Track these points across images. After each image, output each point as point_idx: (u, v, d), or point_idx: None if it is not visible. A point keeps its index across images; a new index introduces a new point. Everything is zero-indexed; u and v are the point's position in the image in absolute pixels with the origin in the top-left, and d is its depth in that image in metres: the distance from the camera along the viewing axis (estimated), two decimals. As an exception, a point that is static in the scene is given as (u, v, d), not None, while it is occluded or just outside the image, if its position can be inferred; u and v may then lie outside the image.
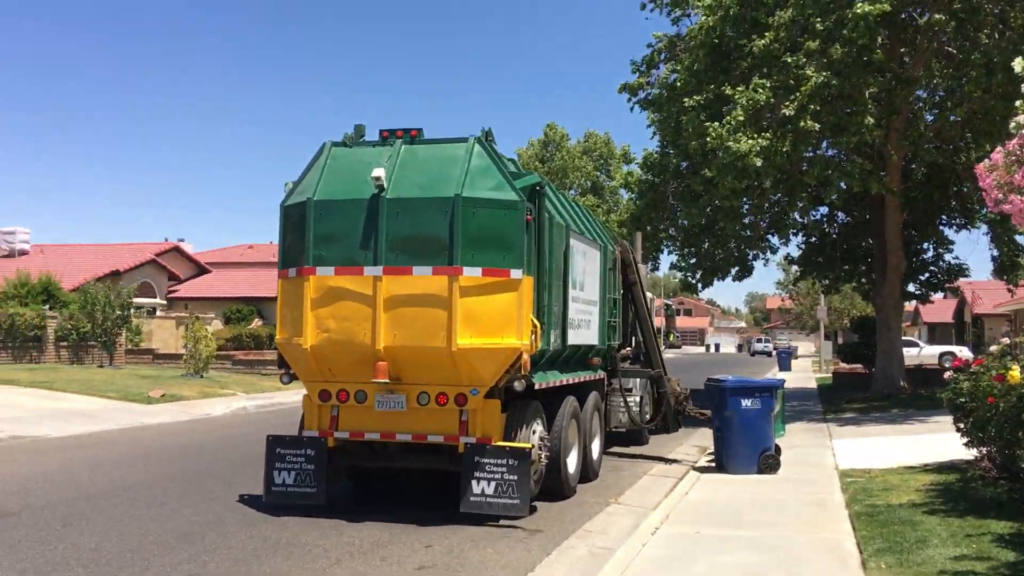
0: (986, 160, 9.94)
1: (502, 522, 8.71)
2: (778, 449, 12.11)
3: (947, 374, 11.11)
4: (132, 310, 31.15)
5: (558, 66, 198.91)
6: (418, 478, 10.70)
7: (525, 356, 8.75)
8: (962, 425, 10.46)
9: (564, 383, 10.43)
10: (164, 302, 41.17)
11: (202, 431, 16.94)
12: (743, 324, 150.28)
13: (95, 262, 38.79)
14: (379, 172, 8.71)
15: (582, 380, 11.36)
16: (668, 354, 59.60)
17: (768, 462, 11.62)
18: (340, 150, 9.35)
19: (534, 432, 9.36)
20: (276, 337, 9.49)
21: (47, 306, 30.88)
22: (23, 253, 41.84)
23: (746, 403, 11.68)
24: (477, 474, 8.66)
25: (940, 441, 13.90)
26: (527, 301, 8.86)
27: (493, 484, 8.63)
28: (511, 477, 8.62)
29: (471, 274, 8.56)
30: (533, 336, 8.89)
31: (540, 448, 9.42)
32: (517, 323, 8.72)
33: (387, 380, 8.66)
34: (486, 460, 8.66)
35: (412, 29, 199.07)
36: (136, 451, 13.80)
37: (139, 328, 33.15)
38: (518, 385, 8.78)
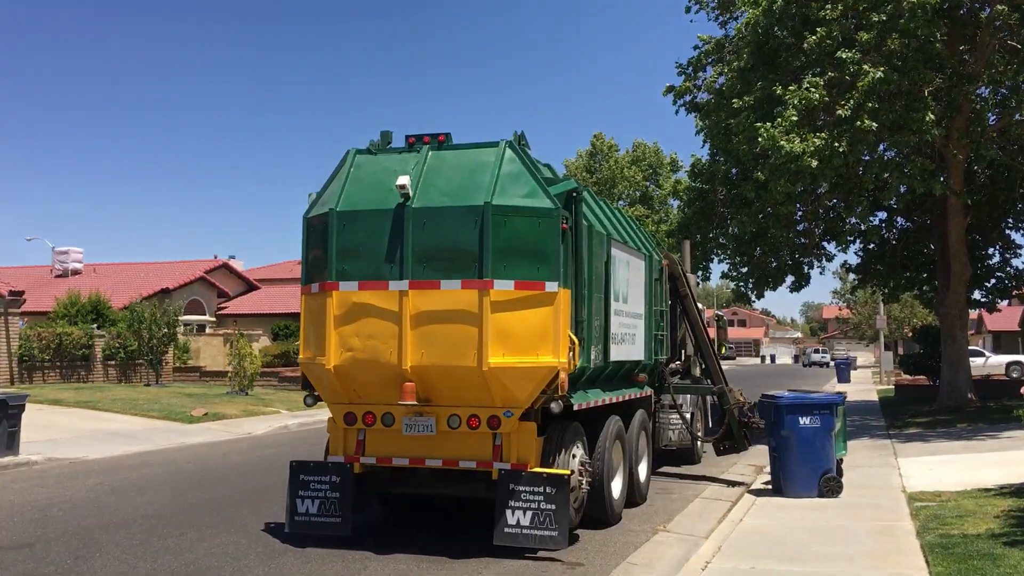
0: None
1: (540, 554, 8.09)
2: (840, 470, 11.30)
3: (1025, 389, 10.21)
4: (179, 327, 31.16)
5: (604, 74, 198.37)
6: (452, 504, 10.12)
7: (562, 375, 8.13)
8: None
9: (607, 402, 9.78)
10: (213, 319, 41.30)
11: (240, 451, 16.57)
12: (799, 334, 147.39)
13: (145, 280, 39.07)
14: (404, 180, 8.18)
15: (627, 398, 10.69)
16: (724, 365, 58.59)
17: (829, 485, 10.82)
18: (364, 158, 8.85)
19: (574, 456, 8.72)
20: (299, 357, 9.00)
21: (95, 325, 31.01)
22: (76, 273, 42.35)
23: (804, 421, 10.89)
24: (512, 503, 8.05)
25: (1016, 460, 12.96)
26: (564, 315, 8.24)
27: (529, 514, 8.02)
28: (548, 506, 7.99)
29: (503, 287, 7.98)
30: (571, 353, 8.26)
31: (581, 473, 8.79)
32: (553, 339, 8.10)
33: (415, 402, 8.10)
34: (522, 488, 8.05)
35: (459, 42, 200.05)
36: (168, 474, 13.45)
37: (187, 345, 33.17)
38: (555, 406, 8.16)
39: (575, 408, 8.66)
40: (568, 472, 8.20)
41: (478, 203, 8.05)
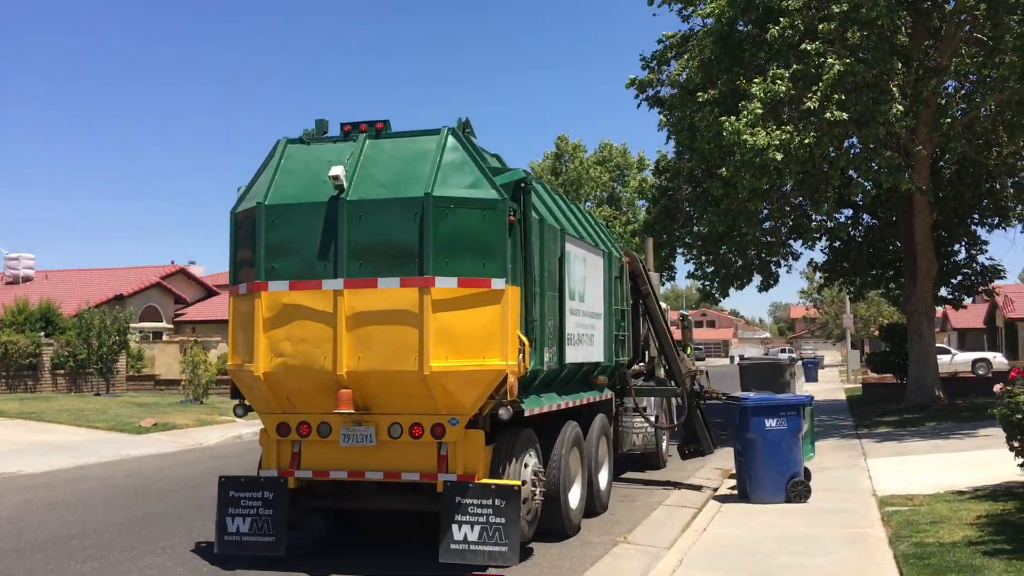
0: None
1: (490, 571, 7.50)
2: (808, 474, 10.82)
3: (998, 387, 9.77)
4: (131, 335, 30.20)
5: (570, 75, 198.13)
6: (400, 517, 9.50)
7: (511, 378, 7.55)
8: (1016, 443, 9.18)
9: (563, 407, 9.22)
10: (171, 326, 40.29)
11: (186, 463, 15.83)
12: (768, 335, 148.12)
13: (98, 287, 37.98)
14: (337, 171, 7.56)
15: (585, 402, 10.14)
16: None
17: (797, 489, 10.32)
18: (296, 148, 8.21)
19: (526, 465, 8.15)
20: (228, 364, 8.34)
21: (43, 333, 29.96)
22: (28, 280, 41.13)
23: (770, 423, 10.39)
24: (459, 517, 7.45)
25: (988, 460, 12.55)
26: (512, 315, 7.66)
27: (477, 528, 7.42)
28: (498, 520, 7.40)
29: (445, 285, 7.38)
30: (521, 355, 7.69)
31: (535, 483, 8.22)
32: (501, 340, 7.52)
33: (352, 410, 7.48)
34: (468, 501, 7.45)
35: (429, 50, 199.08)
36: (105, 489, 12.69)
37: (141, 353, 32.18)
38: (503, 413, 7.57)
39: (526, 414, 8.09)
40: (519, 483, 7.62)
41: (417, 194, 7.45)
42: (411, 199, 7.46)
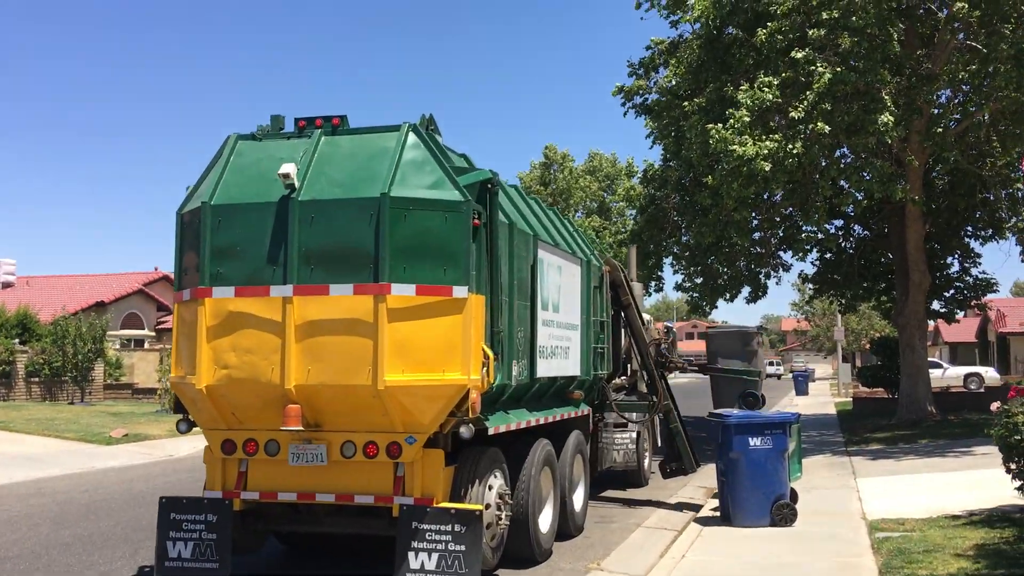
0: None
1: (449, 602, 6.93)
2: (794, 496, 10.29)
3: (995, 406, 9.28)
4: (109, 342, 29.55)
5: (557, 84, 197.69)
6: (360, 539, 8.93)
7: (474, 394, 7.01)
8: (1013, 466, 8.70)
9: (533, 424, 8.67)
10: (152, 334, 39.62)
11: (150, 476, 15.21)
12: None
13: (79, 293, 37.32)
14: (288, 168, 7.02)
15: (559, 419, 9.58)
16: (682, 378, 57.53)
17: (782, 512, 9.78)
18: (247, 144, 7.66)
19: (490, 488, 7.59)
20: (170, 376, 7.78)
21: (17, 340, 29.28)
22: (8, 285, 40.41)
23: (755, 442, 9.85)
24: (415, 544, 6.89)
25: (982, 481, 12.05)
26: (476, 325, 7.13)
27: (436, 556, 6.86)
28: (457, 547, 6.84)
29: (402, 292, 6.84)
30: (485, 369, 7.15)
31: (500, 507, 7.67)
32: (462, 353, 6.98)
33: (300, 427, 6.92)
34: (426, 526, 6.90)
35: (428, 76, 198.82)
36: (57, 505, 12.08)
37: (119, 361, 31.52)
38: (465, 431, 7.03)
39: (491, 432, 7.54)
40: (480, 507, 7.06)
41: (374, 194, 6.91)
42: (367, 199, 6.93)
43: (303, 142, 7.48)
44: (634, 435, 13.01)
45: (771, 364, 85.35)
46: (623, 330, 12.92)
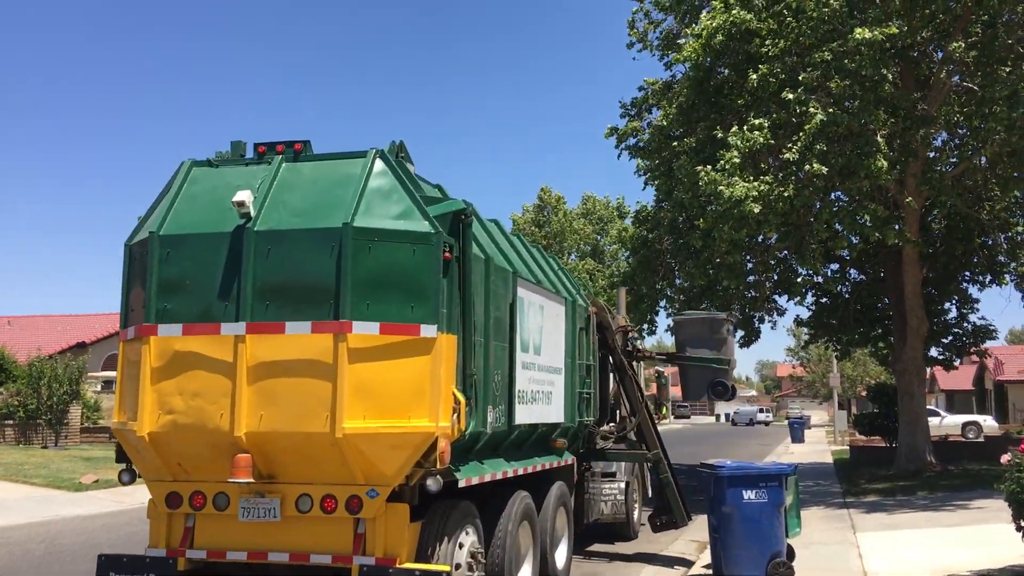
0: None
1: (413, 674, 6.26)
2: (791, 552, 9.61)
3: (1005, 458, 8.69)
4: (87, 384, 28.79)
5: (553, 127, 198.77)
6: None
7: (442, 442, 6.42)
8: (1024, 523, 8.11)
9: (511, 475, 8.05)
10: (136, 375, 38.80)
11: (113, 527, 14.46)
12: (754, 392, 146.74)
13: (60, 334, 36.61)
14: (243, 196, 6.49)
15: (540, 469, 8.96)
16: (675, 425, 56.73)
17: (779, 571, 9.12)
18: (202, 171, 7.14)
19: (461, 545, 6.95)
20: (112, 421, 7.17)
21: (-8, 382, 28.57)
22: (-11, 325, 39.69)
23: (749, 495, 9.21)
24: (376, 609, 6.24)
25: (987, 537, 11.43)
26: (446, 367, 6.55)
27: (398, 622, 6.21)
28: (422, 612, 6.20)
29: (364, 331, 6.27)
30: (455, 415, 6.56)
31: (471, 567, 7.03)
32: (431, 397, 6.39)
33: (251, 479, 6.30)
34: (388, 589, 6.25)
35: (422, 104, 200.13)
36: (12, 558, 11.40)
37: (97, 403, 30.70)
38: (432, 484, 6.41)
39: (462, 484, 6.93)
40: (447, 568, 6.44)
41: (335, 224, 6.38)
42: (328, 230, 6.39)
43: (262, 168, 6.96)
44: (623, 485, 12.37)
45: (761, 411, 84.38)
46: (611, 374, 12.34)
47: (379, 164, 6.77)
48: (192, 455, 6.57)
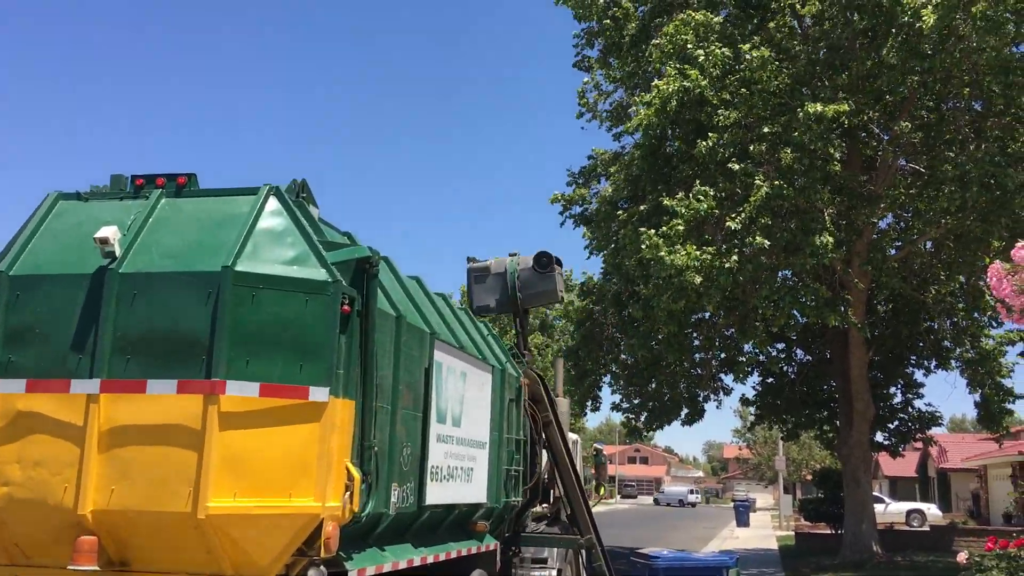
0: (997, 263, 7.42)
1: None
2: (733, 655, 8.73)
3: (962, 557, 7.97)
4: None
5: (494, 192, 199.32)
6: None
7: (329, 526, 5.49)
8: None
9: (418, 563, 7.08)
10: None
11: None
12: (701, 473, 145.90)
13: None
14: (107, 232, 5.62)
15: (456, 556, 8.00)
16: (621, 504, 55.21)
17: (719, 676, 8.21)
18: (69, 204, 6.26)
19: (351, 650, 5.95)
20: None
21: None
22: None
23: (687, 590, 8.35)
24: None
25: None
26: (340, 437, 5.66)
27: None
28: None
29: (240, 392, 5.38)
30: (348, 493, 5.65)
31: (362, 674, 6.01)
32: (318, 472, 5.50)
33: (95, 567, 5.28)
34: None
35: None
36: None
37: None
38: (313, 574, 5.44)
39: (353, 576, 5.96)
40: None
41: (214, 268, 5.52)
42: (204, 274, 5.53)
43: (138, 204, 6.11)
44: (554, 573, 11.36)
45: (691, 492, 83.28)
46: (544, 451, 11.45)
47: (273, 203, 5.96)
48: (30, 536, 5.54)
